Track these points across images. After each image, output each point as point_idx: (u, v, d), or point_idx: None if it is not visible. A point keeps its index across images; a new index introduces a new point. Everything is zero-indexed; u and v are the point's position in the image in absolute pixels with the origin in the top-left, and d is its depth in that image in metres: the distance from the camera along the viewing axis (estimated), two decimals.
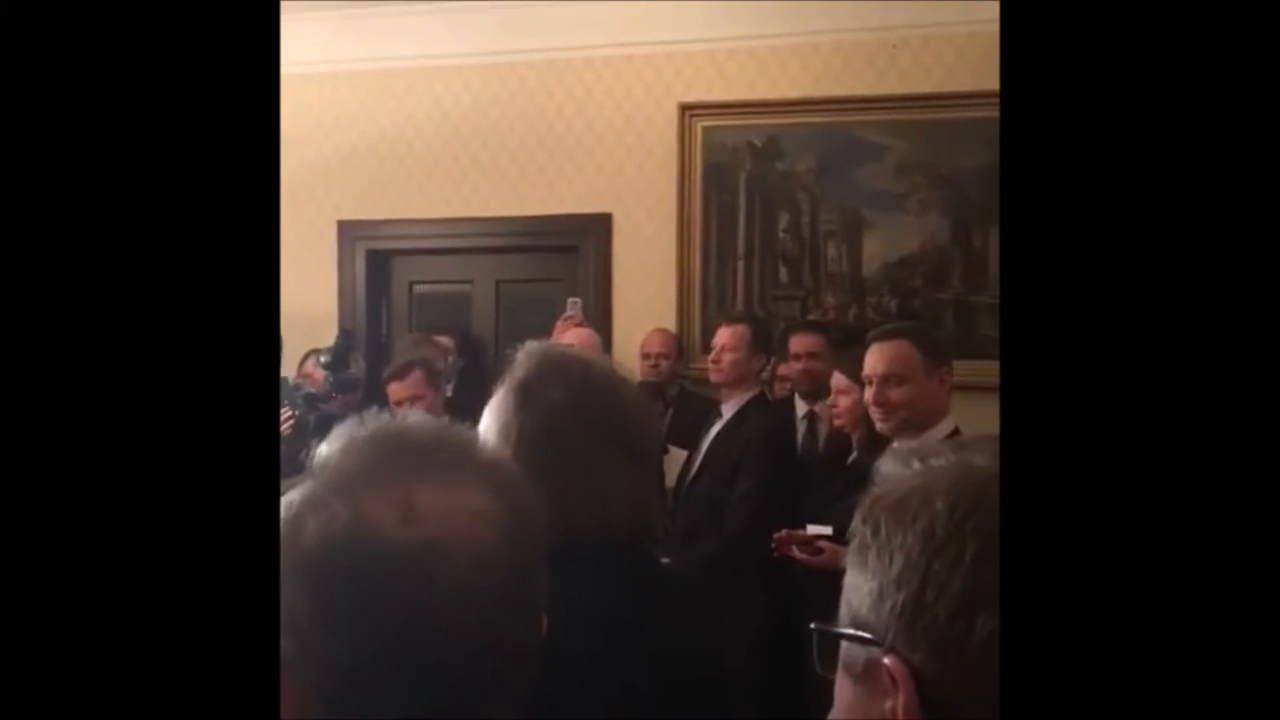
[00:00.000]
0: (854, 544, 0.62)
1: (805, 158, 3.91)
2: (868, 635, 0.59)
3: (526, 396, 1.17)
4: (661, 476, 1.26)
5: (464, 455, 0.66)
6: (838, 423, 2.76)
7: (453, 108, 4.28)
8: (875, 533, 0.60)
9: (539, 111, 4.20)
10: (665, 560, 1.48)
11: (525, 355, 1.22)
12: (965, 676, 0.54)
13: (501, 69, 4.22)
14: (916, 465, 0.62)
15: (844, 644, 0.62)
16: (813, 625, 0.64)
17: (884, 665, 0.57)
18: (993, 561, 0.55)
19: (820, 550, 2.51)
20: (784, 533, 2.58)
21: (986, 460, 0.60)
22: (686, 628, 1.17)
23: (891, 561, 0.58)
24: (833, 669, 0.63)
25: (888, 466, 0.64)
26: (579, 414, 1.15)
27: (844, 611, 0.62)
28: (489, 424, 1.17)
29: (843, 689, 0.62)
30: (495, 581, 0.62)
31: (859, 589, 0.60)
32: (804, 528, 2.58)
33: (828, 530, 2.51)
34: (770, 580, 2.74)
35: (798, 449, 3.15)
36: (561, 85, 4.18)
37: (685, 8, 3.92)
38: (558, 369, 1.19)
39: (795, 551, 2.55)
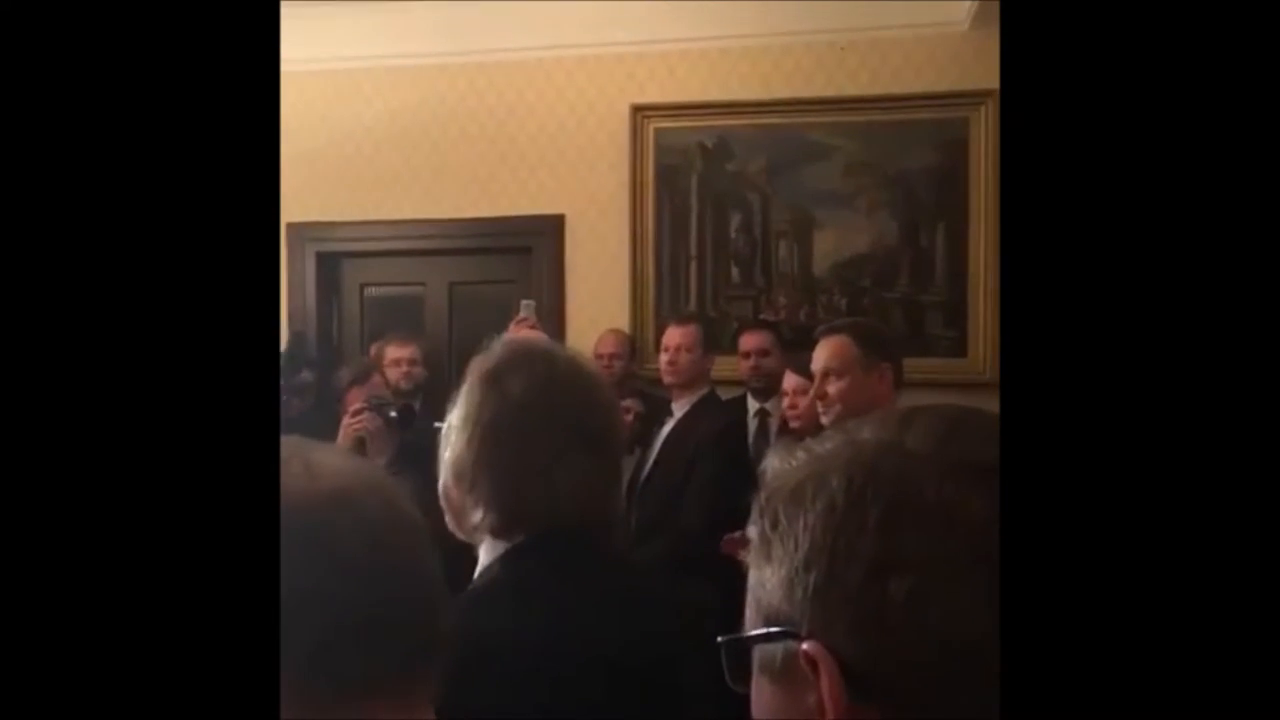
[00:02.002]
0: (754, 542, 0.60)
1: (756, 158, 3.95)
2: (781, 628, 0.57)
3: (490, 387, 1.18)
4: (620, 470, 1.29)
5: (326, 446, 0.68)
6: (795, 425, 2.79)
7: (402, 109, 4.26)
8: (774, 524, 0.59)
9: (490, 113, 4.19)
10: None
11: (497, 345, 1.24)
12: (885, 646, 0.53)
13: (452, 70, 4.20)
14: (801, 455, 0.61)
15: (757, 647, 0.59)
16: (720, 638, 0.62)
17: (802, 652, 0.55)
18: (897, 526, 0.54)
19: None
20: (734, 535, 2.60)
21: (871, 434, 0.59)
22: (647, 613, 1.19)
23: (797, 546, 0.57)
24: (746, 680, 0.60)
25: (774, 462, 0.62)
26: (542, 406, 1.17)
27: (752, 613, 0.60)
28: (455, 413, 1.20)
29: (760, 693, 0.59)
30: (400, 519, 0.64)
31: (765, 583, 0.59)
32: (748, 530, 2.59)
33: None
34: (722, 577, 2.76)
35: (749, 446, 3.18)
36: (513, 86, 4.18)
37: (636, 9, 3.94)
38: (525, 360, 1.21)
39: (741, 555, 2.56)
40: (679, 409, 3.10)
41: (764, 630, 0.58)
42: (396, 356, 3.58)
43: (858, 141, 3.85)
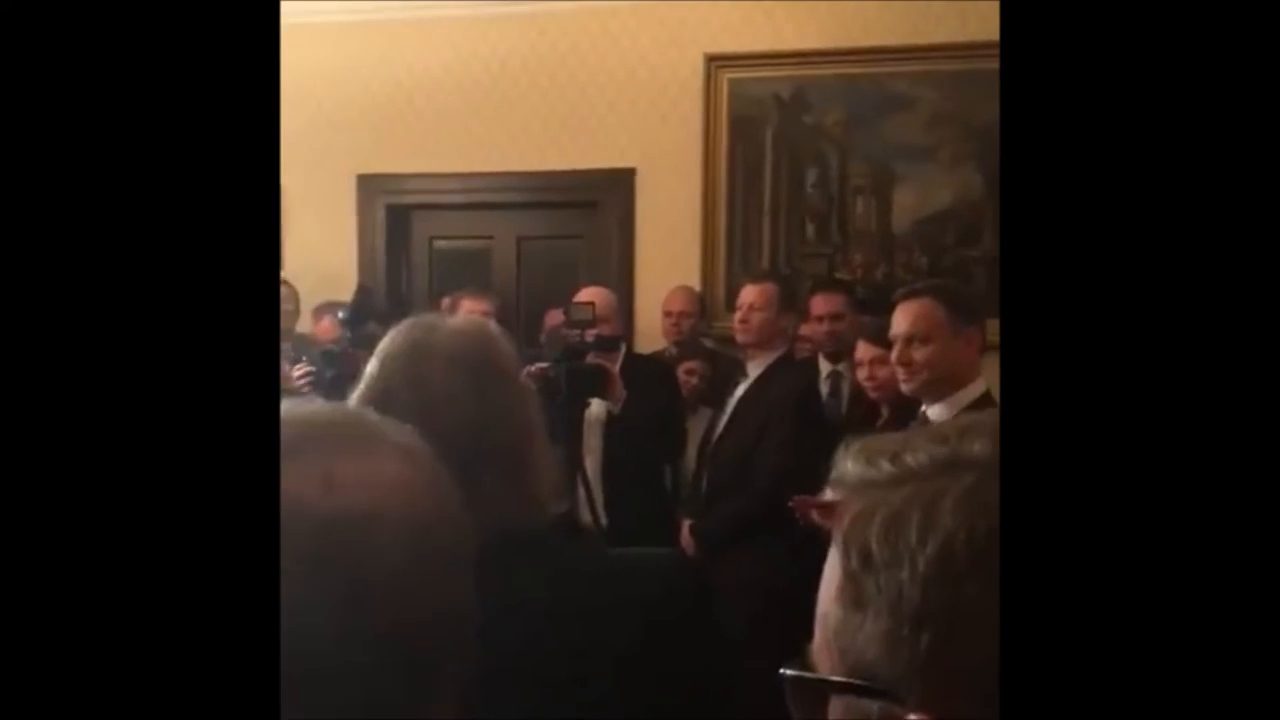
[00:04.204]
0: (836, 576, 0.51)
1: (833, 110, 3.81)
2: (879, 687, 0.47)
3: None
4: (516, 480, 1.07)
5: (376, 434, 0.63)
6: (874, 395, 2.70)
7: (473, 59, 4.19)
8: (865, 562, 0.48)
9: (561, 63, 4.11)
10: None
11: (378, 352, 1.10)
12: None
13: (523, 19, 4.12)
14: (886, 466, 0.51)
15: (839, 696, 0.50)
16: (783, 670, 0.53)
17: None
18: None
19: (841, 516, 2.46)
20: (801, 497, 2.54)
21: (985, 449, 0.49)
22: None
23: (901, 597, 0.46)
24: (813, 713, 0.51)
25: (850, 468, 0.53)
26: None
27: (833, 654, 0.50)
28: None
29: None
30: (429, 542, 0.59)
31: (855, 631, 0.48)
32: (823, 491, 2.53)
33: None
34: (798, 541, 2.71)
35: (824, 409, 3.10)
36: (585, 36, 4.08)
37: None
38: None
39: (815, 516, 2.51)
40: (754, 369, 3.03)
41: (851, 681, 0.49)
42: (471, 309, 3.52)
43: (941, 92, 3.69)
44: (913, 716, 0.46)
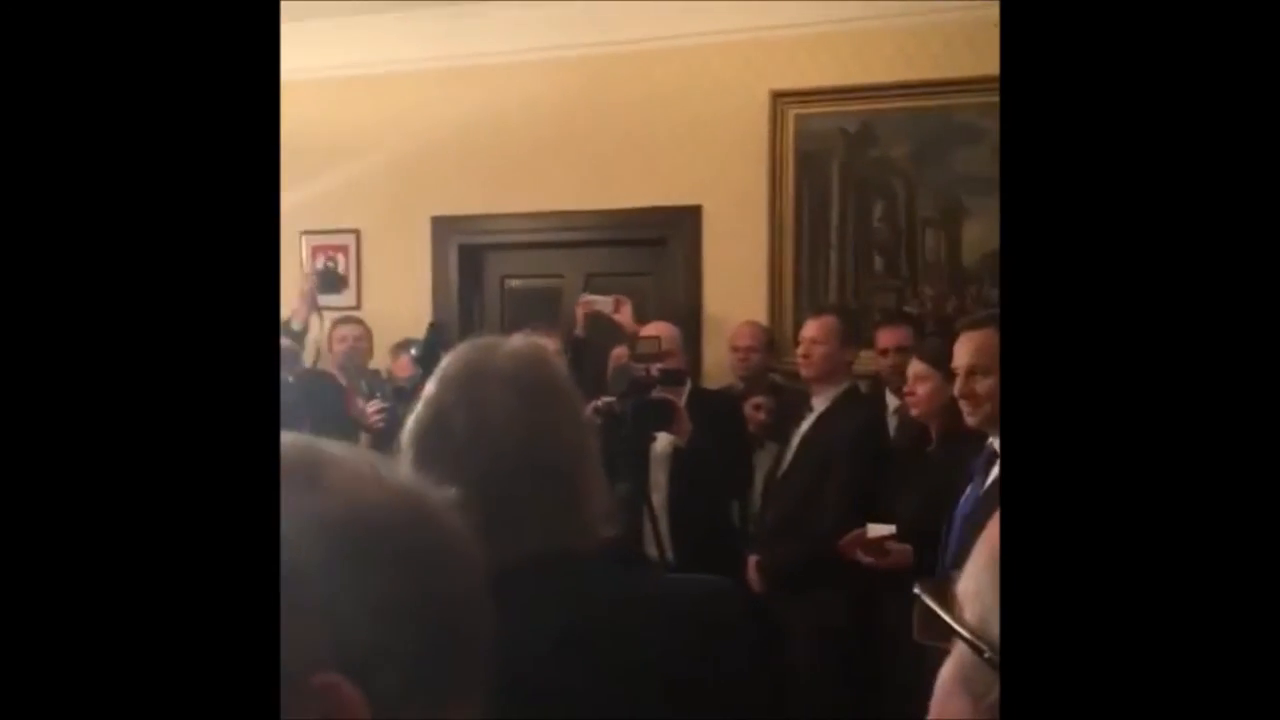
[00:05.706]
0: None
1: (901, 143, 3.79)
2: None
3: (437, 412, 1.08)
4: (581, 491, 1.10)
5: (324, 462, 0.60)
6: (914, 412, 2.67)
7: (541, 101, 4.29)
8: None
9: (627, 103, 4.18)
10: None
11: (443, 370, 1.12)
12: None
13: (590, 61, 4.21)
14: None
15: (966, 651, 0.47)
16: (918, 591, 0.50)
17: None
18: None
19: (888, 552, 2.44)
20: (850, 535, 2.52)
21: None
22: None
23: None
24: (934, 637, 0.50)
25: None
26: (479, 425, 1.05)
27: (974, 602, 0.47)
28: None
29: (952, 705, 0.48)
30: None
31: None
32: (865, 528, 2.50)
33: (890, 530, 2.44)
34: (851, 586, 2.67)
35: (890, 445, 3.06)
36: (649, 76, 4.15)
37: None
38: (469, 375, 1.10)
39: (860, 555, 2.48)
40: (818, 404, 3.01)
41: (986, 649, 0.45)
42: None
43: None
44: None
